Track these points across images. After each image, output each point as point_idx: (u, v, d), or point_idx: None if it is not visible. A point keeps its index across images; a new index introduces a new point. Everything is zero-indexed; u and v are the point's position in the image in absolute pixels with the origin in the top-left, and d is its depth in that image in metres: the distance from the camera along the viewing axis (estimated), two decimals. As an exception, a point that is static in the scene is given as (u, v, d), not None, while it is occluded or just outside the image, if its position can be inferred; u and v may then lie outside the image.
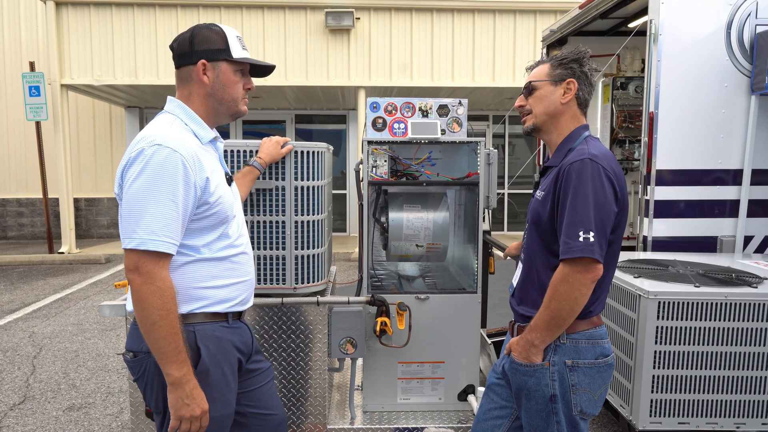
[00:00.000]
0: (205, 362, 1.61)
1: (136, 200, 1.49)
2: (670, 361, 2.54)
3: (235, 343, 1.71)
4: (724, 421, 2.57)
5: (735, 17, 3.53)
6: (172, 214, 1.50)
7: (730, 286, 2.57)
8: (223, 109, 1.71)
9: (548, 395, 1.72)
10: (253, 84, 1.76)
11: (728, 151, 3.59)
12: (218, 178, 1.66)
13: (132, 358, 1.65)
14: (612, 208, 1.63)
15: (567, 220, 1.63)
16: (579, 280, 1.60)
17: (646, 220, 3.59)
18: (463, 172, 2.90)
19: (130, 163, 1.52)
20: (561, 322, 1.66)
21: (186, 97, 1.68)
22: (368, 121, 2.74)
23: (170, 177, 1.49)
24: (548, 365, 1.71)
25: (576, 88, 1.78)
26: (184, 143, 1.55)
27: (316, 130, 12.06)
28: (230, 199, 1.71)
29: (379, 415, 2.76)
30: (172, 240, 1.51)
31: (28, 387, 3.94)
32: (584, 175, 1.62)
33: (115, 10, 8.88)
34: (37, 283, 7.47)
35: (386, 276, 3.14)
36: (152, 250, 1.48)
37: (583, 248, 1.58)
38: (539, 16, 9.21)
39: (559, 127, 1.81)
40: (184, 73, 1.68)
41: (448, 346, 2.75)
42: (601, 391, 1.76)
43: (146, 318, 1.48)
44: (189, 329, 1.60)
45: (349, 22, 8.83)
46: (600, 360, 1.73)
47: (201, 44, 1.64)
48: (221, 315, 1.68)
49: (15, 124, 11.08)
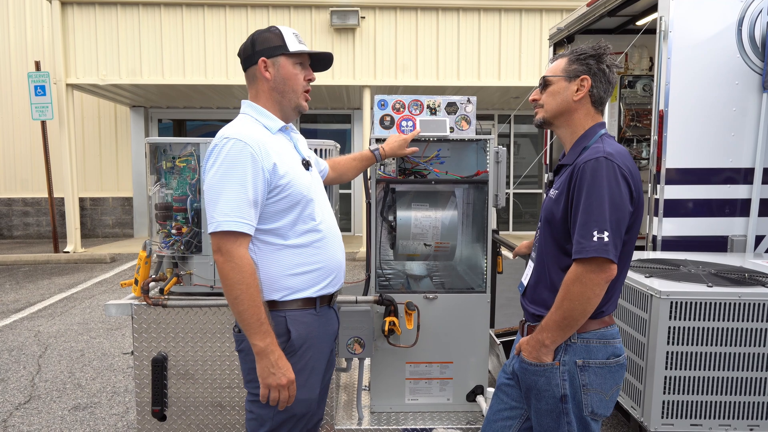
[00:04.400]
0: (294, 344, 1.76)
1: (212, 189, 1.67)
2: (682, 362, 2.50)
3: (325, 331, 1.87)
4: (737, 422, 2.53)
5: (746, 14, 3.48)
6: (243, 197, 1.64)
7: (743, 286, 2.53)
8: (286, 102, 1.84)
9: (558, 395, 1.70)
10: (314, 75, 1.89)
11: (739, 149, 3.54)
12: (289, 163, 1.78)
13: (238, 333, 1.82)
14: (627, 207, 1.60)
15: (581, 220, 1.60)
16: (593, 280, 1.58)
17: (655, 219, 3.55)
18: (471, 171, 2.87)
19: (207, 158, 1.72)
20: (573, 323, 1.63)
21: (254, 96, 1.85)
22: (376, 119, 2.71)
23: (239, 165, 1.65)
24: (558, 365, 1.69)
25: (589, 86, 1.73)
26: (251, 134, 1.71)
27: (320, 129, 12.05)
28: (306, 182, 1.82)
29: (386, 415, 2.74)
30: (245, 220, 1.65)
31: (34, 386, 3.93)
32: (599, 174, 1.59)
33: (120, 10, 8.89)
34: (42, 283, 7.48)
35: (394, 275, 3.11)
36: (227, 230, 1.63)
37: (597, 248, 1.55)
38: (545, 15, 9.16)
39: (573, 124, 1.77)
40: (250, 74, 1.85)
41: (457, 347, 2.73)
42: (612, 392, 1.73)
43: (229, 293, 1.64)
44: (280, 315, 1.76)
45: (354, 21, 8.81)
46: (611, 360, 1.70)
47: (260, 45, 1.81)
48: (310, 301, 1.81)
49: (20, 123, 11.10)
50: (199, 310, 2.51)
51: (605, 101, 1.78)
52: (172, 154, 2.53)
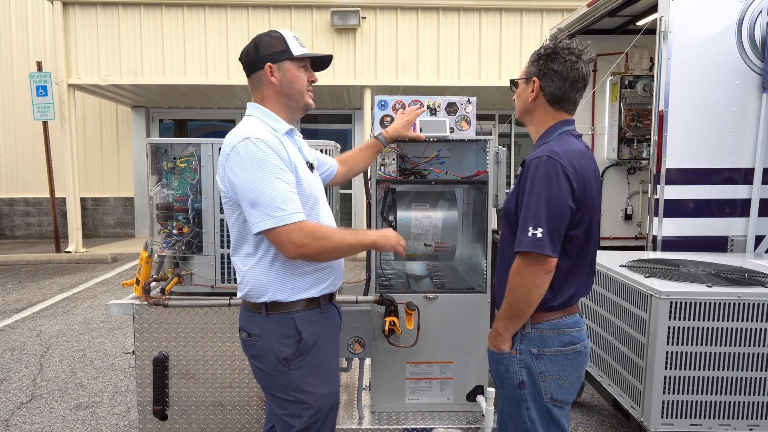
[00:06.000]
0: (307, 344, 1.81)
1: (249, 188, 1.69)
2: (682, 362, 2.51)
3: (331, 326, 1.93)
4: (737, 422, 2.54)
5: (746, 14, 3.49)
6: (285, 187, 1.71)
7: (743, 286, 2.54)
8: (293, 104, 1.89)
9: (517, 382, 1.80)
10: (315, 76, 1.94)
11: (739, 149, 3.54)
12: (299, 163, 1.83)
13: (247, 338, 1.86)
14: (566, 204, 1.67)
15: (521, 216, 1.71)
16: (532, 272, 1.68)
17: (655, 219, 3.55)
18: (471, 171, 2.87)
19: (224, 160, 1.74)
20: (519, 312, 1.74)
21: (260, 99, 1.88)
22: (376, 120, 2.72)
23: (269, 160, 1.69)
24: (516, 354, 1.80)
25: (538, 87, 1.81)
26: (265, 134, 1.75)
27: (321, 129, 12.06)
28: (316, 185, 1.89)
29: (387, 415, 2.75)
30: (297, 209, 1.72)
31: (36, 386, 3.95)
32: (539, 172, 1.69)
33: (121, 10, 8.90)
34: (44, 283, 7.49)
35: (394, 275, 3.12)
36: (284, 225, 1.68)
37: (530, 243, 1.65)
38: (546, 15, 9.16)
39: (535, 123, 1.88)
40: (254, 79, 1.87)
41: (457, 347, 2.73)
42: (572, 379, 1.80)
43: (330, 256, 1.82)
44: (288, 317, 1.81)
45: (355, 21, 8.82)
46: (567, 348, 1.79)
47: (265, 50, 1.83)
48: (315, 300, 1.86)
49: (22, 123, 11.12)
50: (200, 309, 2.52)
51: (567, 98, 1.81)
52: (173, 154, 2.53)
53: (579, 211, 1.70)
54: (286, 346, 1.80)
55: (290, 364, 1.81)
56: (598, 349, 3.10)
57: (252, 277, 1.82)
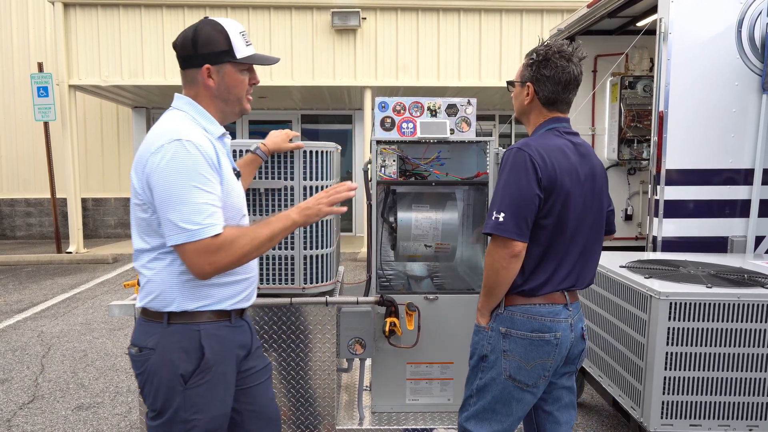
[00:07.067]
0: (209, 361, 1.64)
1: (170, 193, 1.54)
2: (681, 363, 2.51)
3: (238, 343, 1.75)
4: (736, 423, 2.54)
5: (746, 15, 3.49)
6: (211, 197, 1.56)
7: (742, 287, 2.54)
8: (229, 110, 1.73)
9: (482, 354, 1.95)
10: (258, 78, 1.76)
11: (739, 150, 3.55)
12: (228, 170, 1.69)
13: (137, 353, 1.66)
14: (532, 192, 1.77)
15: (491, 200, 1.86)
16: (498, 254, 1.80)
17: (655, 220, 3.56)
18: (472, 172, 2.88)
19: (151, 154, 1.55)
20: (491, 291, 1.87)
21: (194, 97, 1.69)
22: (376, 121, 2.73)
23: (198, 166, 1.54)
24: (489, 330, 1.94)
25: (533, 91, 1.91)
26: (197, 136, 1.58)
27: (322, 130, 12.06)
28: (240, 193, 1.76)
29: (387, 415, 2.75)
30: (218, 221, 1.56)
31: (37, 386, 3.96)
32: (507, 162, 1.82)
33: (122, 11, 8.92)
34: (45, 283, 7.50)
35: (395, 276, 3.13)
36: (206, 237, 1.53)
37: (493, 227, 1.78)
38: (546, 15, 9.17)
39: (530, 122, 2.00)
40: (189, 75, 1.68)
41: (458, 347, 2.74)
42: (534, 364, 1.87)
43: (255, 255, 1.64)
44: (194, 329, 1.63)
45: (355, 22, 8.83)
46: (534, 334, 1.86)
47: (204, 47, 1.63)
48: (225, 313, 1.70)
49: (23, 124, 11.14)
50: (202, 310, 2.53)
51: (561, 100, 1.91)
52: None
53: (548, 201, 1.79)
54: (185, 361, 1.60)
55: (187, 383, 1.61)
56: (598, 349, 3.11)
57: (159, 284, 1.61)
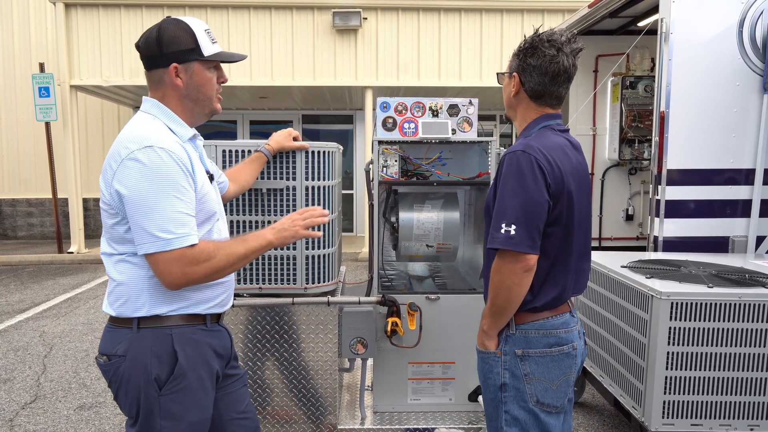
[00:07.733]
0: (183, 366, 1.59)
1: (143, 201, 1.49)
2: (682, 363, 2.52)
3: (214, 347, 1.69)
4: (737, 422, 2.55)
5: (747, 15, 3.49)
6: (184, 207, 1.52)
7: (743, 287, 2.55)
8: (198, 109, 1.69)
9: (498, 384, 1.74)
10: (226, 77, 1.72)
11: (740, 150, 3.55)
12: (201, 174, 1.64)
13: (105, 362, 1.61)
14: (542, 199, 1.61)
15: (495, 212, 1.65)
16: (510, 270, 1.62)
17: (657, 220, 3.56)
18: (473, 172, 2.89)
19: (119, 160, 1.49)
20: (501, 310, 1.69)
21: (160, 99, 1.64)
22: (378, 121, 2.73)
23: (170, 174, 1.50)
24: (500, 354, 1.74)
25: (518, 82, 1.76)
26: (168, 141, 1.53)
27: (323, 130, 12.07)
28: (214, 197, 1.71)
29: (389, 415, 2.76)
30: (192, 231, 1.54)
31: (39, 386, 3.97)
32: (512, 167, 1.63)
33: (123, 12, 8.93)
34: (47, 283, 7.52)
35: (396, 276, 3.13)
36: (180, 247, 1.50)
37: (504, 241, 1.60)
38: (547, 15, 9.17)
39: (518, 117, 1.83)
40: (155, 76, 1.63)
41: (459, 347, 2.75)
42: (559, 381, 1.72)
43: (228, 271, 1.61)
44: (166, 332, 1.58)
45: (356, 22, 8.83)
46: (554, 349, 1.71)
47: (170, 46, 1.58)
48: (199, 317, 1.65)
49: (24, 124, 11.16)
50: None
51: (548, 93, 1.74)
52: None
53: (556, 207, 1.64)
54: (157, 366, 1.56)
55: (161, 389, 1.56)
56: (599, 349, 3.11)
57: (128, 288, 1.56)
